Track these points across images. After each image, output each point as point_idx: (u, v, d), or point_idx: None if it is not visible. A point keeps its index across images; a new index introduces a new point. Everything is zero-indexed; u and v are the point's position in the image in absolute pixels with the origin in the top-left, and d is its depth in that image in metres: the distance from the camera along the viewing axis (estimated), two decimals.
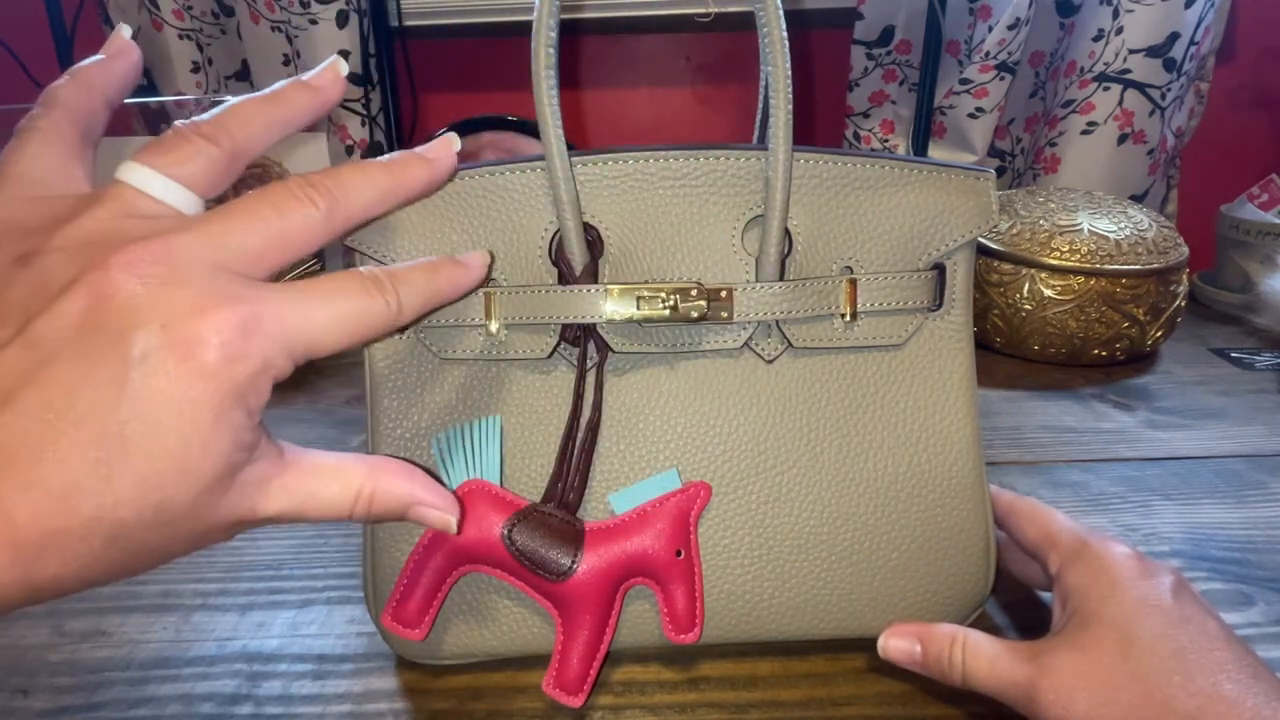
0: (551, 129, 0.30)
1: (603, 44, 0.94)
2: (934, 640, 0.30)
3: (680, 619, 0.32)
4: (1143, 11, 0.76)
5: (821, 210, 0.32)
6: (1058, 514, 0.33)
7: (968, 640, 0.29)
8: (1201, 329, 0.73)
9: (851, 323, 0.32)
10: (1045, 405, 0.58)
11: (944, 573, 0.34)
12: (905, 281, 0.32)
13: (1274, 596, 0.37)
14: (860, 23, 0.83)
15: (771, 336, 0.32)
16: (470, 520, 0.31)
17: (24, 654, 0.35)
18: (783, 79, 0.30)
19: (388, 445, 0.32)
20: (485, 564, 0.31)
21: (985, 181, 0.33)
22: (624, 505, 0.32)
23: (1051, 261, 0.62)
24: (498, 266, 0.32)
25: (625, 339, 0.32)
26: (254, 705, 0.32)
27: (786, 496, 0.33)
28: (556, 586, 0.31)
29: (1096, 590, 0.28)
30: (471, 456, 0.31)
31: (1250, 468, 0.48)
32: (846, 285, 0.32)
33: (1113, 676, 0.26)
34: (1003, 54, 0.78)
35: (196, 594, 0.39)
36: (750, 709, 0.31)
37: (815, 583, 0.33)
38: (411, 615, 0.31)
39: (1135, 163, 0.82)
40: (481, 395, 0.33)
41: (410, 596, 0.31)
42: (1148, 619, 0.27)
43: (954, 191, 0.33)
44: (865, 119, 0.88)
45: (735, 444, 0.33)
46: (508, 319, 0.31)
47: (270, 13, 0.84)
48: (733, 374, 0.33)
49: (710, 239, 0.32)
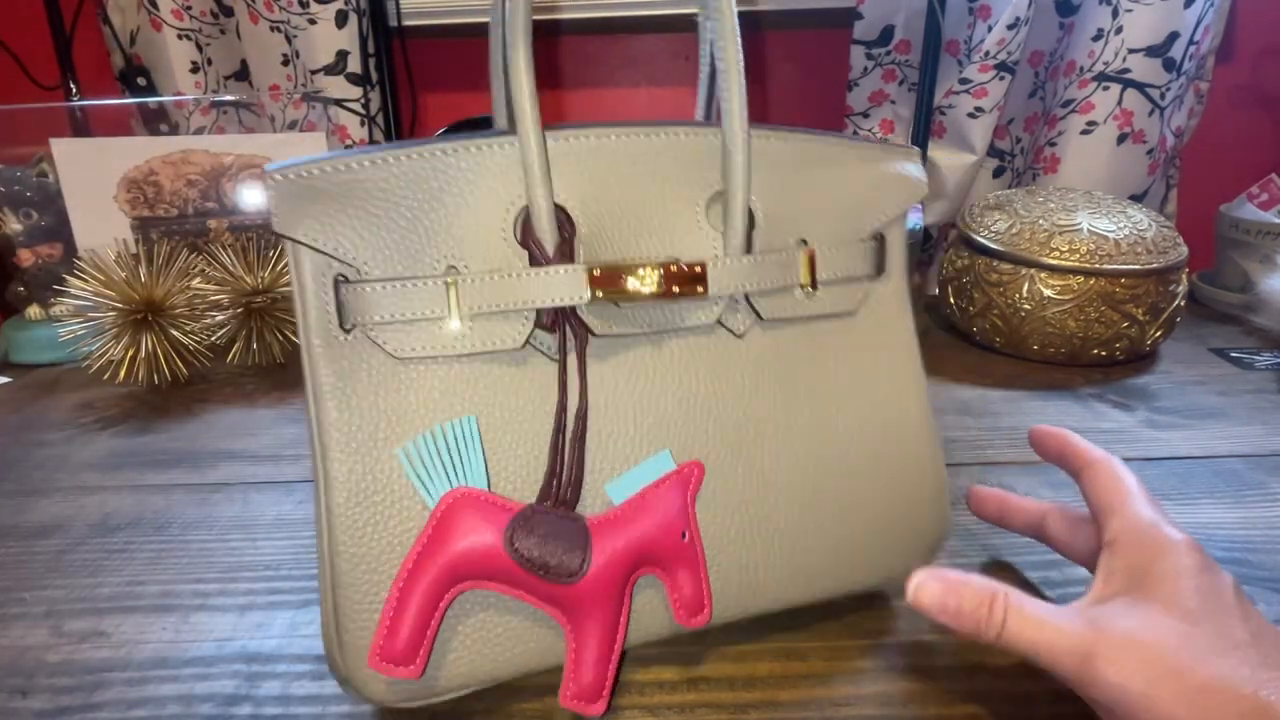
0: (527, 96, 0.28)
1: (603, 44, 0.94)
2: (971, 593, 0.28)
3: (690, 602, 0.31)
4: (1142, 11, 0.76)
5: (775, 186, 0.33)
6: (1134, 482, 0.32)
7: (1010, 597, 0.27)
8: (1201, 329, 0.73)
9: (812, 293, 0.34)
10: (1045, 405, 0.58)
11: (913, 516, 0.36)
12: (854, 251, 0.35)
13: (1274, 597, 0.37)
14: (860, 22, 0.83)
15: (740, 311, 0.33)
16: (461, 533, 0.28)
17: (23, 654, 0.35)
18: (734, 54, 0.30)
19: (341, 464, 0.29)
20: (483, 579, 0.29)
21: (914, 156, 0.36)
22: (622, 494, 0.31)
23: (1051, 261, 0.62)
24: (456, 253, 0.29)
25: (603, 321, 0.30)
26: (253, 706, 0.32)
27: (771, 465, 0.33)
28: (565, 590, 0.29)
29: (1159, 569, 0.27)
30: (451, 464, 0.29)
31: (1249, 468, 0.48)
32: (805, 257, 0.33)
33: (1179, 655, 0.25)
34: (1002, 54, 0.78)
35: (195, 594, 0.39)
36: (750, 709, 0.31)
37: (806, 545, 0.34)
38: (402, 651, 0.28)
39: (1135, 162, 0.82)
40: (447, 396, 0.30)
41: (399, 629, 0.28)
42: (1209, 604, 0.26)
43: (888, 166, 0.35)
44: (865, 119, 0.88)
45: (718, 420, 0.33)
46: (474, 309, 0.29)
47: (269, 12, 0.84)
48: (709, 350, 0.33)
49: (676, 216, 0.31)
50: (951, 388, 0.61)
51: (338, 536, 0.29)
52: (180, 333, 0.63)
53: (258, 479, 0.50)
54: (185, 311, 0.64)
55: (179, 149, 0.74)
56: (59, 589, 0.40)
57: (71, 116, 0.82)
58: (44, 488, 0.50)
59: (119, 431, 0.58)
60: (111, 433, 0.58)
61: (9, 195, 0.70)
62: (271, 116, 0.89)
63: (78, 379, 0.68)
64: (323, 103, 0.86)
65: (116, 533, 0.45)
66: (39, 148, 0.71)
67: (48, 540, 0.44)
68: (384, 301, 0.28)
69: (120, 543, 0.44)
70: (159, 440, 0.56)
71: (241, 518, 0.46)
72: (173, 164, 0.74)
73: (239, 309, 0.65)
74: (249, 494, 0.48)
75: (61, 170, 0.70)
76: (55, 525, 0.46)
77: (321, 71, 0.84)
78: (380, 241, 0.28)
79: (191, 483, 0.50)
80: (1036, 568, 0.39)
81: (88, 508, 0.47)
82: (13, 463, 0.54)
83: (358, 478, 0.29)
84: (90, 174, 0.71)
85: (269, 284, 0.66)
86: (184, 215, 0.75)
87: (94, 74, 0.89)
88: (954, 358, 0.66)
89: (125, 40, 0.88)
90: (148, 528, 0.45)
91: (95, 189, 0.72)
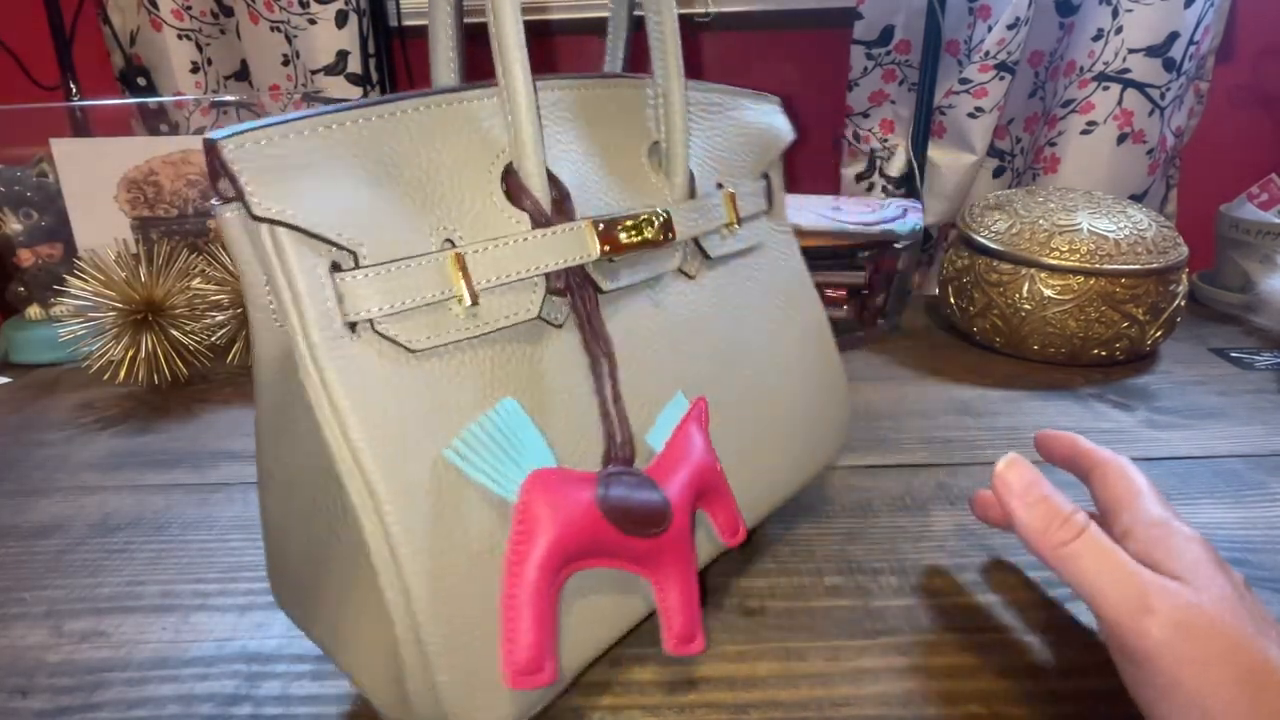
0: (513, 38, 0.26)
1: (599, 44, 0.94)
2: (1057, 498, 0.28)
3: (729, 524, 0.34)
4: (1142, 11, 0.76)
5: (696, 133, 0.36)
6: (1143, 481, 0.31)
7: (1090, 525, 0.28)
8: (1201, 329, 0.73)
9: (736, 230, 0.37)
10: (1045, 405, 0.58)
11: (833, 404, 0.42)
12: (755, 190, 0.39)
13: (1274, 597, 0.37)
14: (860, 22, 0.83)
15: (690, 254, 0.35)
16: (556, 515, 0.26)
17: (23, 654, 0.35)
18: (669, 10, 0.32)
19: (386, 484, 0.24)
20: (585, 557, 0.27)
21: (777, 103, 0.41)
22: (660, 441, 0.32)
23: (1051, 261, 0.62)
24: (448, 223, 0.26)
25: (604, 278, 0.30)
26: (253, 706, 0.32)
27: (746, 386, 0.37)
28: (653, 544, 0.29)
29: (1174, 563, 0.27)
30: (509, 450, 0.26)
31: (1249, 468, 0.48)
32: (728, 197, 0.36)
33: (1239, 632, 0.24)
34: (1002, 54, 0.78)
35: (196, 594, 0.39)
36: (750, 709, 0.31)
37: (770, 451, 0.38)
38: (535, 658, 0.25)
39: (1135, 162, 0.82)
40: (472, 382, 0.27)
41: (523, 637, 0.25)
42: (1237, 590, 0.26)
43: (766, 112, 0.40)
44: (865, 119, 0.88)
45: (697, 356, 0.35)
46: (485, 282, 0.26)
47: (269, 12, 0.84)
48: (677, 295, 0.34)
49: (628, 167, 0.33)
50: (951, 388, 0.61)
51: (408, 568, 0.24)
52: (180, 333, 0.63)
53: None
54: (185, 311, 0.64)
55: (179, 149, 0.74)
56: (59, 589, 0.40)
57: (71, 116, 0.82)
58: (44, 488, 0.50)
59: (119, 431, 0.58)
60: (111, 433, 0.58)
61: (9, 195, 0.70)
62: None
63: (78, 379, 0.68)
64: (323, 103, 0.86)
65: (116, 533, 0.45)
66: (39, 148, 0.71)
67: (48, 540, 0.44)
68: (389, 288, 0.25)
69: (120, 543, 0.44)
70: (159, 440, 0.56)
71: (241, 518, 0.46)
72: (173, 164, 0.74)
73: (239, 309, 0.65)
74: (249, 494, 0.48)
75: (61, 170, 0.70)
76: (55, 525, 0.46)
77: (321, 71, 0.84)
78: (372, 218, 0.25)
79: (191, 483, 0.50)
80: (1037, 568, 0.39)
81: (88, 508, 0.47)
82: (13, 463, 0.54)
83: (411, 495, 0.25)
84: (90, 174, 0.71)
85: None
86: (184, 215, 0.75)
87: (94, 74, 0.89)
88: (954, 358, 0.66)
89: (125, 40, 0.88)
90: (148, 528, 0.45)
91: (95, 189, 0.72)
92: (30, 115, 0.77)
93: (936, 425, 0.55)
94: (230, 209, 0.24)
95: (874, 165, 0.89)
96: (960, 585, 0.38)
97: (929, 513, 0.44)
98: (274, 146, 0.23)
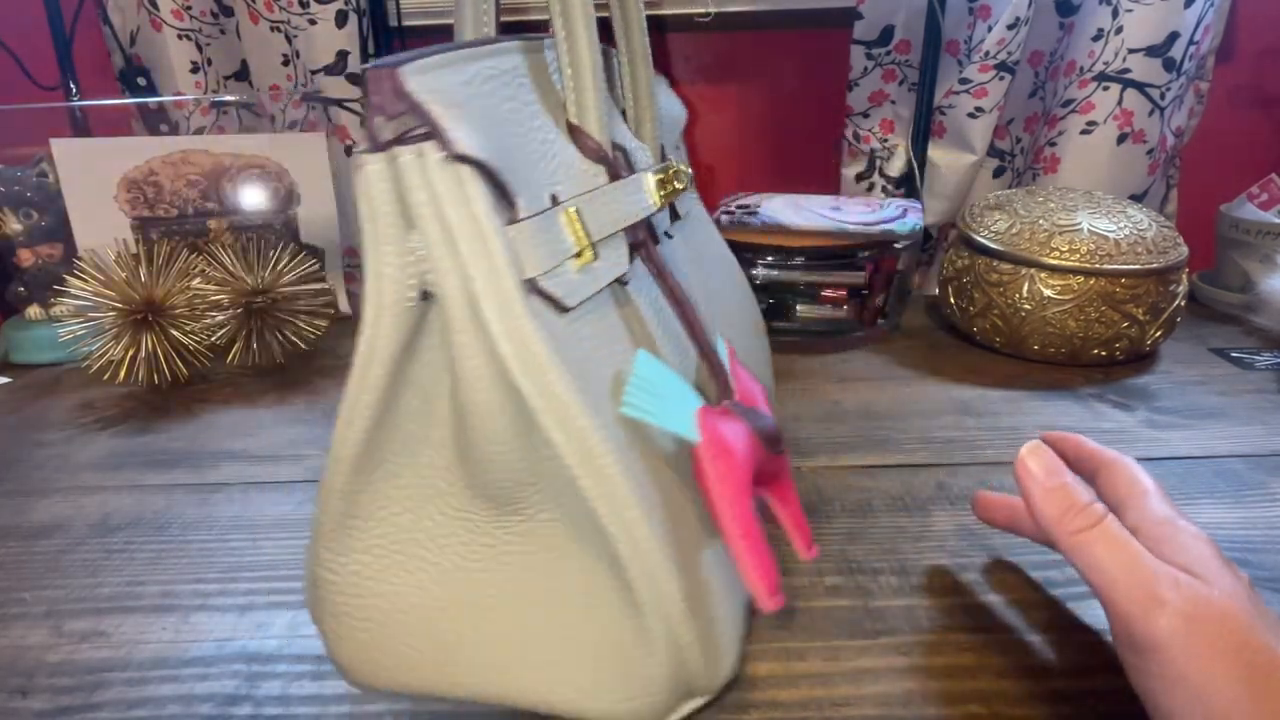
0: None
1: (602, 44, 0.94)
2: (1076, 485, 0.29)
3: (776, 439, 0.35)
4: (1142, 11, 0.76)
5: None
6: (1148, 481, 0.32)
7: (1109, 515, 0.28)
8: (1201, 329, 0.73)
9: (679, 192, 0.35)
10: (1045, 405, 0.58)
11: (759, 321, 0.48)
12: (682, 158, 0.41)
13: (1274, 597, 0.37)
14: (860, 22, 0.83)
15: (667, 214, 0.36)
16: (734, 445, 0.27)
17: (23, 654, 0.35)
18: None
19: (604, 443, 0.23)
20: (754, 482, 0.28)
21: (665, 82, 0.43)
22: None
23: (1051, 261, 0.62)
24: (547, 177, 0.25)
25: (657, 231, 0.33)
26: (253, 706, 0.32)
27: (735, 325, 0.41)
28: (779, 461, 0.31)
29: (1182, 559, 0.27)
30: (671, 397, 0.27)
31: (1250, 468, 0.48)
32: (674, 163, 0.36)
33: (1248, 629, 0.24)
34: (1002, 54, 0.78)
35: (196, 594, 0.39)
36: (750, 709, 0.31)
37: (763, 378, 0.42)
38: (777, 576, 0.26)
39: (1135, 162, 0.82)
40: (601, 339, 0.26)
41: (762, 557, 0.26)
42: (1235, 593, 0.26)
43: (669, 92, 0.42)
44: (865, 119, 0.88)
45: (703, 306, 0.36)
46: (598, 235, 0.26)
47: (269, 12, 0.84)
48: (672, 248, 0.35)
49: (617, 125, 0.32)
50: (951, 388, 0.61)
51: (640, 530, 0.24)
52: (180, 333, 0.63)
53: (258, 479, 0.50)
54: (185, 311, 0.64)
55: (179, 149, 0.74)
56: (59, 589, 0.40)
57: (71, 116, 0.82)
58: (44, 488, 0.50)
59: (119, 431, 0.58)
60: (111, 433, 0.58)
61: (9, 195, 0.70)
62: (271, 116, 0.89)
63: (78, 379, 0.68)
64: (323, 103, 0.86)
65: (116, 533, 0.45)
66: (39, 148, 0.71)
67: (48, 540, 0.44)
68: (541, 242, 0.23)
69: (120, 543, 0.44)
70: (159, 440, 0.56)
71: (241, 518, 0.46)
72: (173, 164, 0.74)
73: (239, 309, 0.65)
74: (249, 494, 0.48)
75: (61, 170, 0.70)
76: (55, 525, 0.46)
77: (321, 71, 0.84)
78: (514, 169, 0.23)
79: (191, 483, 0.50)
80: (1038, 567, 0.39)
81: (88, 508, 0.47)
82: (13, 463, 0.54)
83: (624, 453, 0.24)
84: (90, 174, 0.71)
85: (269, 284, 0.66)
86: (184, 215, 0.75)
87: (94, 74, 0.89)
88: (954, 358, 0.66)
89: (125, 40, 0.88)
90: (148, 528, 0.45)
91: (95, 189, 0.72)
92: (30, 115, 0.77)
93: (936, 425, 0.55)
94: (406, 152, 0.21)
95: (874, 165, 0.89)
96: (960, 585, 0.38)
97: (929, 513, 0.44)
98: (453, 78, 0.22)
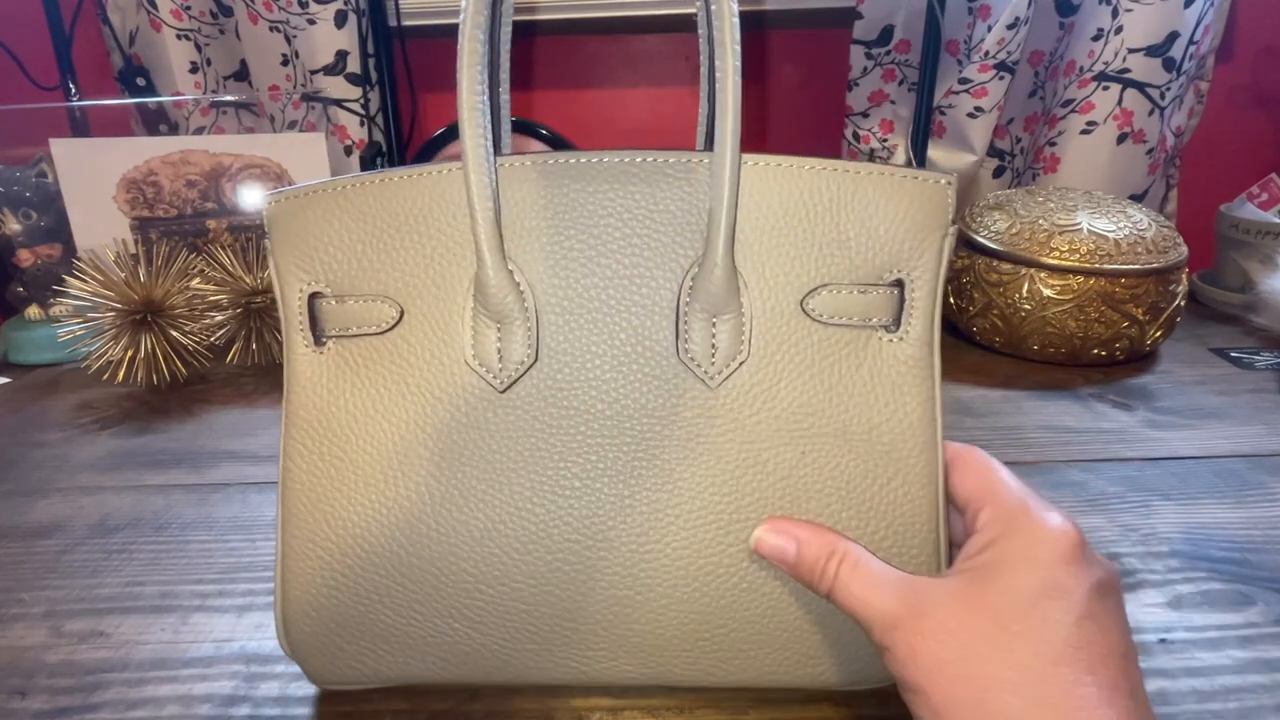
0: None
1: (603, 44, 0.94)
2: (813, 545, 0.28)
3: None
4: (1142, 11, 0.76)
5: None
6: (1003, 470, 0.29)
7: (848, 554, 0.27)
8: (1201, 329, 0.73)
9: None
10: (1045, 405, 0.57)
11: None
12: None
13: (1273, 597, 0.37)
14: (859, 22, 0.83)
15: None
16: None
17: (22, 655, 0.35)
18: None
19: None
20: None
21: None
22: None
23: (1051, 261, 0.62)
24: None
25: None
26: (252, 706, 0.32)
27: None
28: None
29: (1013, 556, 0.25)
30: None
31: (1250, 468, 0.48)
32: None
33: (976, 645, 0.23)
34: (1002, 53, 0.78)
35: (194, 595, 0.39)
36: (750, 710, 0.31)
37: None
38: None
39: (1135, 162, 0.82)
40: None
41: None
42: (1050, 604, 0.23)
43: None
44: (865, 119, 0.88)
45: None
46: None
47: (269, 13, 0.84)
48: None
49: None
50: (951, 388, 0.61)
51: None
52: (180, 333, 0.63)
53: (257, 479, 0.50)
54: (185, 312, 0.64)
55: (178, 149, 0.74)
56: (58, 589, 0.40)
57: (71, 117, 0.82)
58: (43, 488, 0.50)
59: (118, 432, 0.58)
60: (111, 433, 0.58)
61: (9, 195, 0.70)
62: (271, 117, 0.89)
63: (77, 379, 0.68)
64: (322, 103, 0.86)
65: (116, 533, 0.44)
66: (39, 148, 0.71)
67: (47, 540, 0.44)
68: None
69: (119, 543, 0.43)
70: (158, 440, 0.56)
71: (241, 518, 0.46)
72: (172, 164, 0.74)
73: (238, 309, 0.65)
74: (248, 494, 0.48)
75: (61, 170, 0.70)
76: (55, 525, 0.46)
77: (321, 71, 0.84)
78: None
79: (191, 483, 0.50)
80: None
81: (87, 508, 0.47)
82: (12, 463, 0.54)
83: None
84: (90, 174, 0.71)
85: (268, 284, 0.66)
86: (183, 215, 0.75)
87: (94, 74, 0.89)
88: (954, 358, 0.66)
89: (125, 40, 0.88)
90: (147, 528, 0.45)
91: (95, 189, 0.71)
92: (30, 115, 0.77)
93: None
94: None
95: None
96: None
97: None
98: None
